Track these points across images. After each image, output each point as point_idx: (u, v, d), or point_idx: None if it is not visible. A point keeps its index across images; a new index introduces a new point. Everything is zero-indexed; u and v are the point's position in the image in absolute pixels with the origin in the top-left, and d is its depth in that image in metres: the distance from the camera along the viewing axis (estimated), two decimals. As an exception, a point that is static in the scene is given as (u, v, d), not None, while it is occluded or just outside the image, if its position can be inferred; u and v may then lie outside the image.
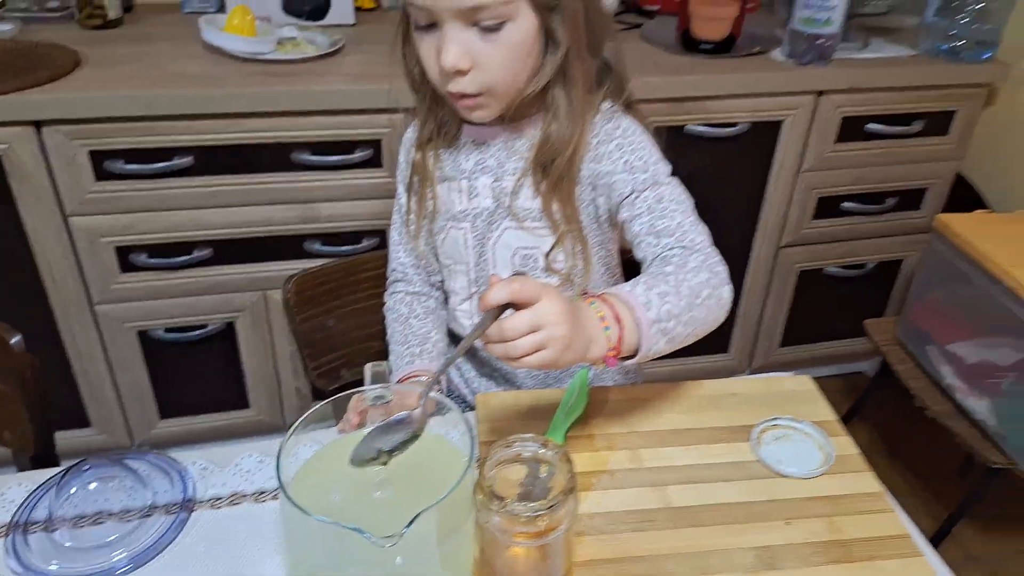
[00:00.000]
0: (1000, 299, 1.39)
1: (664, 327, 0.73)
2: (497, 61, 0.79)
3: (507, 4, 0.76)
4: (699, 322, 0.77)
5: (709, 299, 0.78)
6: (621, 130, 0.89)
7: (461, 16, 0.77)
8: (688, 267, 0.79)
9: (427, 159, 0.95)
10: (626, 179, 0.87)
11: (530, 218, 0.92)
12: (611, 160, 0.88)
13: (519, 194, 0.91)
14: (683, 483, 0.78)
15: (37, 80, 1.38)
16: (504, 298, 0.64)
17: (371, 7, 1.89)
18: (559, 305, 0.65)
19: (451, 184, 0.96)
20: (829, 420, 0.88)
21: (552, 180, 0.88)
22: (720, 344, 2.02)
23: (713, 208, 1.74)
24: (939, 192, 1.93)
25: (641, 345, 0.72)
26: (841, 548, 0.73)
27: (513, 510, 0.58)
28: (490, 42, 0.78)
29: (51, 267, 1.49)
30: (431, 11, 0.77)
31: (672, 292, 0.75)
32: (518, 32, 0.79)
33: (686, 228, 0.84)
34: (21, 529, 0.70)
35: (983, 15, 1.74)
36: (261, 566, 0.70)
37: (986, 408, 1.44)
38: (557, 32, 0.81)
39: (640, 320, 0.72)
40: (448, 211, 0.97)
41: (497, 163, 0.93)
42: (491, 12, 0.76)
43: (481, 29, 0.78)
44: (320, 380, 1.12)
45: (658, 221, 0.84)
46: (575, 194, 0.90)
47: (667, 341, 0.74)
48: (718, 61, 1.67)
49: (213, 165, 1.48)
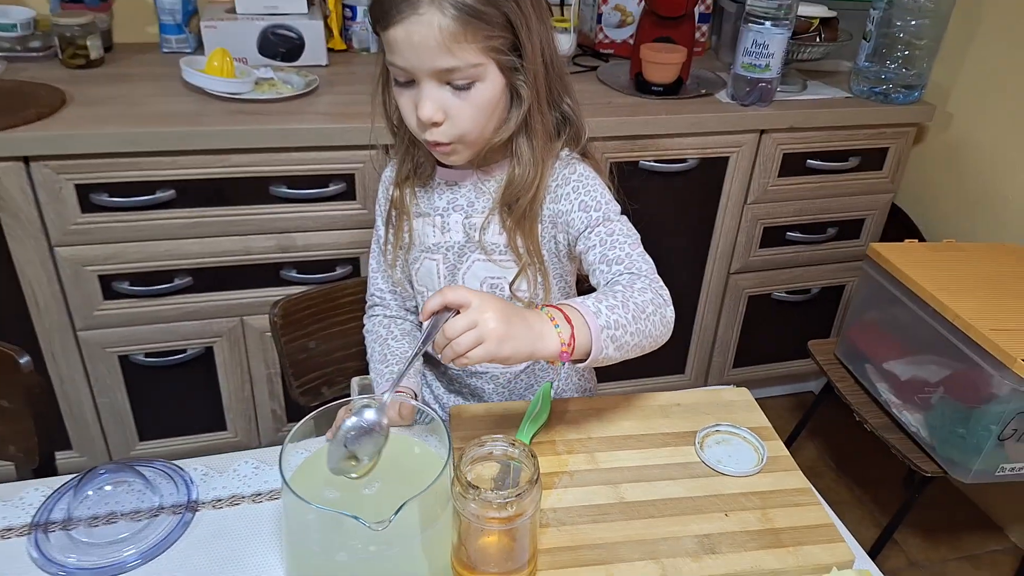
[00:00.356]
0: (928, 320, 1.50)
1: (612, 334, 0.82)
2: (468, 115, 0.89)
3: (477, 67, 0.86)
4: (644, 334, 0.87)
5: (653, 315, 0.88)
6: (577, 174, 0.99)
7: (436, 76, 0.86)
8: (635, 287, 0.89)
9: (404, 196, 1.04)
10: (581, 216, 0.97)
11: (497, 251, 1.01)
12: (568, 200, 0.98)
13: (487, 230, 1.01)
14: (634, 481, 0.88)
15: (26, 118, 1.44)
16: (437, 304, 0.75)
17: (342, 48, 1.99)
18: (492, 304, 0.75)
19: (426, 219, 1.05)
20: (764, 427, 0.98)
21: (516, 217, 0.98)
22: (677, 365, 2.14)
23: (668, 237, 1.89)
24: (876, 222, 2.08)
25: (592, 348, 0.81)
26: (772, 535, 0.83)
27: (486, 498, 0.67)
28: (462, 98, 0.88)
29: (36, 294, 1.55)
30: (410, 71, 0.87)
31: (619, 305, 0.85)
32: (487, 90, 0.89)
33: (635, 258, 0.94)
34: (42, 528, 0.78)
35: (909, 61, 1.90)
36: (258, 559, 0.79)
37: (918, 421, 1.55)
38: (521, 90, 0.91)
39: (590, 325, 0.81)
40: (423, 243, 1.06)
41: (467, 202, 1.03)
42: (463, 74, 0.86)
43: (454, 87, 0.87)
44: (303, 397, 1.20)
45: (609, 251, 0.94)
46: (537, 231, 1.00)
47: (615, 348, 0.84)
48: (668, 102, 1.80)
49: (194, 198, 1.55)
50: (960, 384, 1.45)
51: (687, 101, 1.82)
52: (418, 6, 0.82)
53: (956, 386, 1.46)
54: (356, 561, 0.69)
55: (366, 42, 2.00)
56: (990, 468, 1.44)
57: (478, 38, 0.84)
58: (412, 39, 0.83)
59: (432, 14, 0.82)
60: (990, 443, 1.40)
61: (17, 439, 1.01)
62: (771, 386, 2.32)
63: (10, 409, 1.00)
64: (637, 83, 1.85)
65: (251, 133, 1.51)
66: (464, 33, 0.83)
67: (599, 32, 2.09)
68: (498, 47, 0.87)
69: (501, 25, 0.86)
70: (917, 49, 1.88)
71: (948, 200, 2.04)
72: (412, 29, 0.83)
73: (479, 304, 0.75)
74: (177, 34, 1.88)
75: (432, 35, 0.82)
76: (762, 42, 1.73)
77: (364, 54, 2.01)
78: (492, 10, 0.84)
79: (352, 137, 1.56)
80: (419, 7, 0.82)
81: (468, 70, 0.86)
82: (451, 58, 0.84)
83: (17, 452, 1.01)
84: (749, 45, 1.75)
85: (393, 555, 0.69)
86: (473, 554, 0.72)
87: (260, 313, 1.70)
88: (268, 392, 1.82)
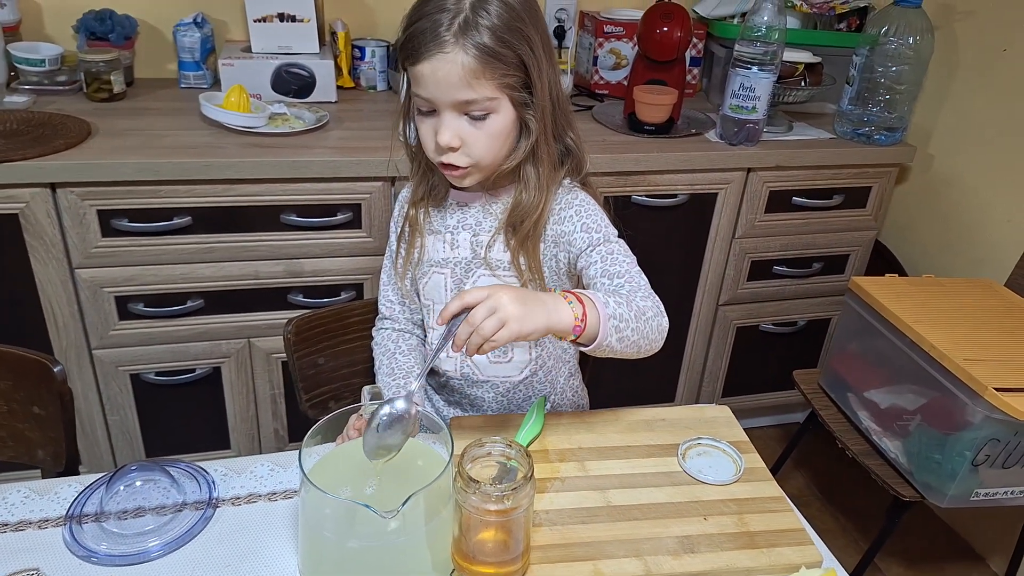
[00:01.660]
0: (906, 351, 1.56)
1: (617, 325, 0.91)
2: (482, 142, 1.00)
3: (492, 101, 0.97)
4: (642, 334, 0.95)
5: (651, 320, 0.96)
6: (579, 200, 1.09)
7: (456, 107, 0.97)
8: (636, 295, 0.98)
9: (419, 215, 1.14)
10: (583, 236, 1.06)
11: (501, 268, 1.10)
12: (571, 222, 1.07)
13: (493, 247, 1.10)
14: (621, 488, 0.95)
15: (55, 148, 1.53)
16: (457, 308, 0.83)
17: (351, 86, 2.10)
18: (508, 291, 0.84)
19: (436, 236, 1.14)
20: (743, 440, 1.06)
21: (520, 237, 1.07)
22: (667, 394, 2.20)
23: (659, 269, 1.96)
24: (860, 257, 2.16)
25: (599, 332, 0.89)
26: (747, 537, 0.90)
27: (486, 491, 0.74)
28: (477, 128, 0.99)
29: (55, 314, 1.62)
30: (432, 102, 0.97)
31: (624, 303, 0.93)
32: (500, 122, 0.99)
33: (633, 274, 1.03)
34: (76, 519, 0.85)
35: (891, 104, 2.00)
36: (274, 551, 0.86)
37: (897, 447, 1.61)
38: (530, 123, 1.01)
39: (600, 312, 0.89)
40: (432, 258, 1.15)
41: (476, 222, 1.12)
42: (479, 106, 0.97)
43: (471, 118, 0.98)
44: (312, 410, 1.27)
45: (611, 267, 1.03)
46: (539, 250, 1.09)
47: (618, 339, 0.92)
48: (660, 141, 1.89)
49: (209, 224, 1.63)
50: (936, 412, 1.51)
51: (678, 140, 1.91)
52: (444, 46, 0.93)
53: (932, 414, 1.52)
54: (366, 549, 0.76)
55: (373, 80, 2.11)
56: (965, 493, 1.50)
57: (495, 75, 0.95)
58: (437, 74, 0.94)
59: (456, 53, 0.93)
60: (964, 468, 1.45)
61: (47, 444, 1.08)
62: (758, 416, 2.38)
63: (42, 416, 1.07)
64: (630, 122, 1.95)
65: (264, 164, 1.60)
66: (483, 71, 0.94)
67: (595, 73, 2.20)
68: (512, 84, 0.98)
69: (515, 65, 0.97)
70: (898, 93, 1.99)
71: (928, 237, 2.13)
72: (438, 65, 0.94)
73: (496, 292, 0.83)
74: (195, 71, 1.98)
75: (456, 71, 0.93)
76: (749, 85, 1.83)
77: (371, 92, 2.11)
78: (508, 52, 0.95)
79: (359, 169, 1.65)
80: (445, 47, 0.93)
81: (484, 103, 0.96)
82: (470, 91, 0.95)
83: (46, 456, 1.08)
84: (737, 88, 1.85)
85: (400, 544, 0.76)
86: (472, 546, 0.79)
87: (267, 335, 1.78)
88: (271, 412, 1.88)
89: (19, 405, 1.11)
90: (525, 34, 0.96)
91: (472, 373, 1.17)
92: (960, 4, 1.98)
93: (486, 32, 0.93)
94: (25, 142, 1.55)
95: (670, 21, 1.85)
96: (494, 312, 0.82)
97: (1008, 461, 1.46)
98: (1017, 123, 1.86)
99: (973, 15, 1.96)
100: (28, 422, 1.11)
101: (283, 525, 0.89)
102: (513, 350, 1.15)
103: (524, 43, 0.96)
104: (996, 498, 1.52)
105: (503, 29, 0.94)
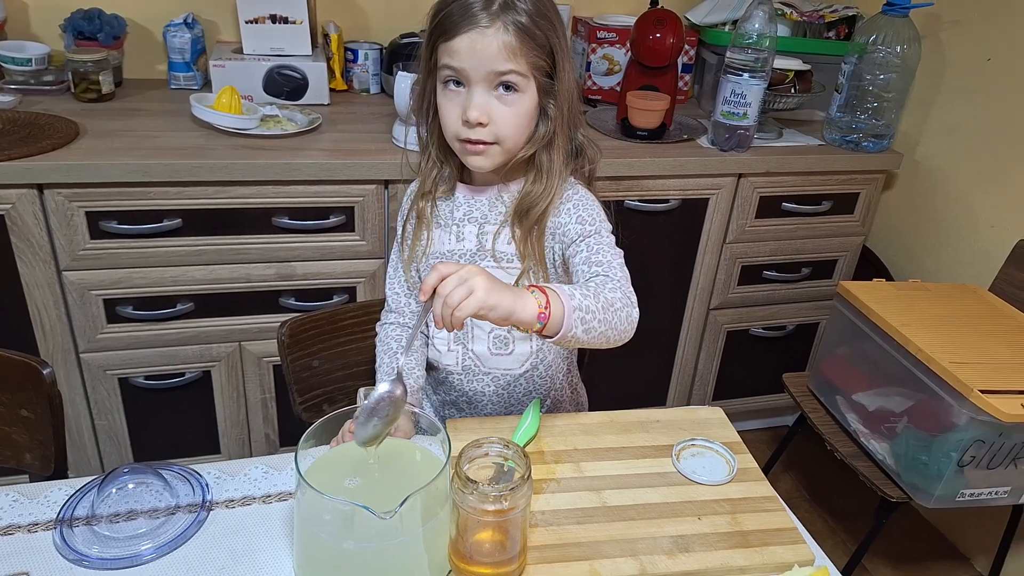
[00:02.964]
0: (893, 354, 1.58)
1: (583, 316, 0.90)
2: (509, 120, 1.02)
3: (523, 77, 1.00)
4: (610, 325, 0.94)
5: (620, 311, 0.96)
6: (579, 195, 1.10)
7: (488, 79, 1.00)
8: (607, 287, 0.98)
9: (426, 207, 1.15)
10: (576, 228, 1.08)
11: (506, 259, 1.11)
12: (568, 214, 1.09)
13: (499, 238, 1.11)
14: (616, 488, 0.96)
15: (42, 148, 1.51)
16: (435, 278, 0.83)
17: (343, 89, 2.10)
18: (478, 269, 0.85)
19: (444, 229, 1.15)
20: (735, 441, 1.06)
21: (526, 228, 1.08)
22: (658, 398, 2.21)
23: (651, 273, 1.98)
24: (848, 263, 2.18)
25: (563, 323, 0.89)
26: (740, 537, 0.90)
27: (484, 491, 0.74)
28: (505, 105, 1.02)
29: (42, 317, 1.61)
30: (466, 73, 1.00)
31: (591, 295, 0.93)
32: (526, 102, 1.02)
33: (614, 265, 1.03)
34: (67, 523, 0.84)
35: (879, 112, 2.02)
36: (268, 554, 0.85)
37: (884, 449, 1.62)
38: (549, 110, 1.05)
39: (564, 304, 0.89)
40: (438, 250, 1.16)
41: (481, 215, 1.13)
42: (512, 77, 1.00)
43: (501, 91, 1.01)
44: (305, 413, 1.27)
45: (593, 256, 1.04)
46: (544, 240, 1.10)
47: (584, 331, 0.91)
48: (652, 146, 1.90)
49: (199, 227, 1.62)
50: (923, 414, 1.53)
51: (670, 145, 1.93)
52: (483, 20, 0.97)
53: (919, 416, 1.54)
54: (362, 550, 0.75)
55: (366, 83, 2.11)
56: (951, 493, 1.51)
57: (529, 54, 0.99)
58: (476, 45, 0.98)
59: (497, 29, 0.97)
60: (950, 469, 1.47)
61: (35, 448, 1.06)
62: (748, 420, 2.39)
63: (31, 419, 1.06)
64: (623, 128, 1.95)
65: (256, 167, 1.59)
66: (520, 47, 0.98)
67: (588, 79, 2.21)
68: (540, 67, 1.02)
69: (546, 51, 1.01)
70: (886, 101, 2.01)
71: (915, 242, 2.15)
72: (476, 38, 0.97)
73: (467, 268, 0.85)
74: (185, 72, 1.98)
75: (494, 44, 0.97)
76: (740, 92, 1.84)
77: (364, 94, 2.11)
78: (540, 34, 1.00)
79: (352, 172, 1.65)
80: (484, 21, 0.97)
81: (516, 77, 1.00)
82: (506, 63, 0.98)
83: (34, 460, 1.07)
84: (728, 95, 1.86)
85: (396, 546, 0.76)
86: (469, 546, 0.78)
87: (258, 339, 1.77)
88: (262, 417, 1.87)
89: (6, 408, 1.09)
90: (553, 22, 1.02)
91: (473, 366, 1.17)
92: (946, 14, 2.00)
93: (524, 14, 0.98)
94: (12, 142, 1.53)
95: (663, 28, 1.86)
96: (463, 282, 0.83)
97: (992, 462, 1.47)
98: (1001, 131, 1.88)
99: (959, 25, 1.98)
100: (16, 425, 1.10)
101: (278, 528, 0.88)
102: (515, 342, 1.15)
103: (552, 29, 1.01)
104: (981, 498, 1.54)
105: (537, 14, 0.99)
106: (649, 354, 2.12)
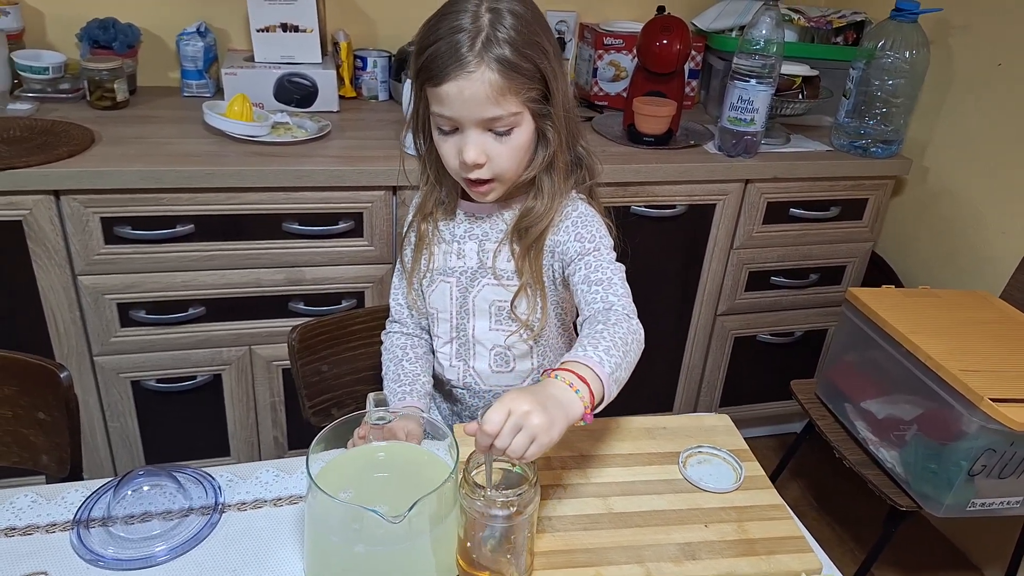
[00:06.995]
0: (902, 362, 1.58)
1: (616, 376, 0.90)
2: (506, 156, 1.01)
3: (516, 115, 0.98)
4: (632, 362, 0.95)
5: (633, 343, 0.96)
6: (578, 212, 1.10)
7: (481, 124, 0.98)
8: (611, 322, 0.96)
9: (428, 224, 1.16)
10: (576, 246, 1.07)
11: (505, 276, 1.12)
12: (567, 232, 1.08)
13: (499, 256, 1.11)
14: (622, 495, 0.97)
15: (58, 155, 1.53)
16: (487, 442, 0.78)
17: (352, 96, 2.11)
18: (525, 397, 0.80)
19: (445, 246, 1.16)
20: (743, 449, 1.07)
21: (525, 246, 1.08)
22: (665, 404, 2.22)
23: (658, 278, 1.99)
24: (857, 268, 2.18)
25: (604, 394, 0.88)
26: (747, 544, 0.91)
27: (491, 496, 0.75)
28: (501, 143, 1.00)
29: (57, 320, 1.63)
30: (457, 120, 0.98)
31: (612, 346, 0.92)
32: (523, 135, 1.01)
33: (615, 281, 1.03)
34: (84, 524, 0.86)
35: (887, 117, 2.02)
36: (279, 556, 0.86)
37: (894, 457, 1.62)
38: (548, 133, 1.03)
39: (600, 375, 0.88)
40: (440, 267, 1.16)
41: (483, 233, 1.13)
42: (504, 121, 0.98)
43: (495, 133, 0.99)
44: (314, 417, 1.28)
45: (592, 274, 1.04)
46: (542, 258, 1.10)
47: (617, 387, 0.91)
48: (659, 152, 1.91)
49: (211, 232, 1.64)
50: (932, 422, 1.52)
51: (677, 151, 1.93)
52: (468, 65, 0.93)
53: (929, 424, 1.53)
54: (372, 553, 0.76)
55: (375, 90, 2.12)
56: (961, 503, 1.51)
57: (519, 90, 0.96)
58: (464, 93, 0.95)
59: (481, 71, 0.93)
60: (960, 478, 1.47)
61: (51, 450, 1.08)
62: (756, 426, 2.39)
63: (48, 421, 1.08)
64: (630, 134, 1.96)
65: (267, 173, 1.61)
66: (508, 86, 0.95)
67: (594, 85, 2.22)
68: (532, 97, 0.99)
69: (535, 77, 0.98)
70: (894, 106, 2.01)
71: (924, 249, 2.15)
72: (464, 85, 0.94)
73: (512, 407, 0.78)
74: (198, 79, 2.00)
75: (483, 89, 0.94)
76: (747, 98, 1.85)
77: (373, 101, 2.13)
78: (528, 64, 0.96)
79: (361, 178, 1.66)
80: (469, 66, 0.93)
81: (509, 118, 0.98)
82: (497, 108, 0.96)
83: (50, 462, 1.09)
84: (735, 100, 1.87)
85: (405, 549, 0.77)
86: (476, 551, 0.79)
87: (268, 343, 1.79)
88: (271, 420, 1.89)
89: (23, 410, 1.11)
90: (541, 45, 0.98)
91: (474, 383, 1.18)
92: (955, 19, 2.00)
93: (507, 46, 0.94)
94: (29, 149, 1.56)
95: (669, 34, 1.87)
96: (520, 428, 0.78)
97: (1004, 471, 1.47)
98: (1011, 136, 1.88)
99: (968, 30, 1.98)
100: (33, 427, 1.12)
101: (289, 530, 0.89)
102: (515, 360, 1.16)
103: (541, 54, 0.97)
104: (992, 508, 1.53)
105: (521, 42, 0.95)
106: (656, 360, 2.12)
